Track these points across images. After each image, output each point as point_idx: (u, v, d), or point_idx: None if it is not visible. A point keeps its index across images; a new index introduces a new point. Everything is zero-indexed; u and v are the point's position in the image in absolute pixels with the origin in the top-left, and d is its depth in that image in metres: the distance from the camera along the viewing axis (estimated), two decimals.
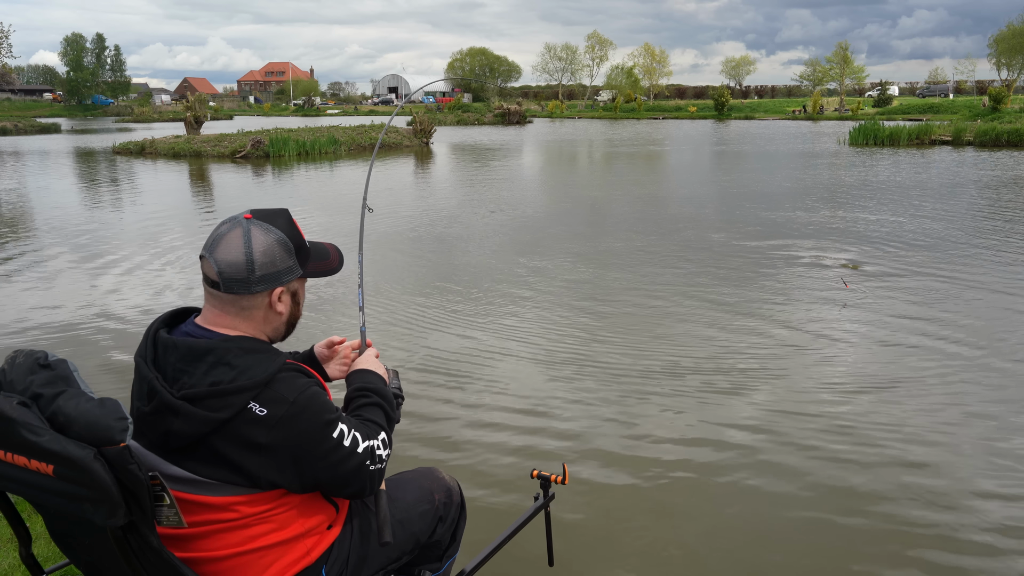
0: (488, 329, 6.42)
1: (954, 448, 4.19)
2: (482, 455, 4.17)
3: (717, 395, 4.95)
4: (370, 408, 1.81)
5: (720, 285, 7.83)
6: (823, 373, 5.32)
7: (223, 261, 1.59)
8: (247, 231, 1.61)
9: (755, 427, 4.47)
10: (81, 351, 5.87)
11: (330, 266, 1.80)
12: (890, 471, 3.92)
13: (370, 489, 1.69)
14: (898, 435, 4.32)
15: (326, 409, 1.61)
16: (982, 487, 3.76)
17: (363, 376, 1.90)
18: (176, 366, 1.56)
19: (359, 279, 2.21)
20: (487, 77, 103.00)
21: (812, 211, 12.87)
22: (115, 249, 9.93)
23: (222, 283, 1.60)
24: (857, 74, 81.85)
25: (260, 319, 1.66)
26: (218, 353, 1.56)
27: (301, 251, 1.71)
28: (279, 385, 1.57)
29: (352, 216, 12.33)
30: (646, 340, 6.10)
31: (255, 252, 1.60)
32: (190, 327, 1.65)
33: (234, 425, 1.52)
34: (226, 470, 1.55)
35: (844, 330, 6.28)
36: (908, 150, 26.93)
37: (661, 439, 4.33)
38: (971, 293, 7.37)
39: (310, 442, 1.57)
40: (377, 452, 1.69)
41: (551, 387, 5.12)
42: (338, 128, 31.88)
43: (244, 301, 1.62)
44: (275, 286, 1.64)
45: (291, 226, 1.69)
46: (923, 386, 5.05)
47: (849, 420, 4.54)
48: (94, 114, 79.89)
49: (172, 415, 1.51)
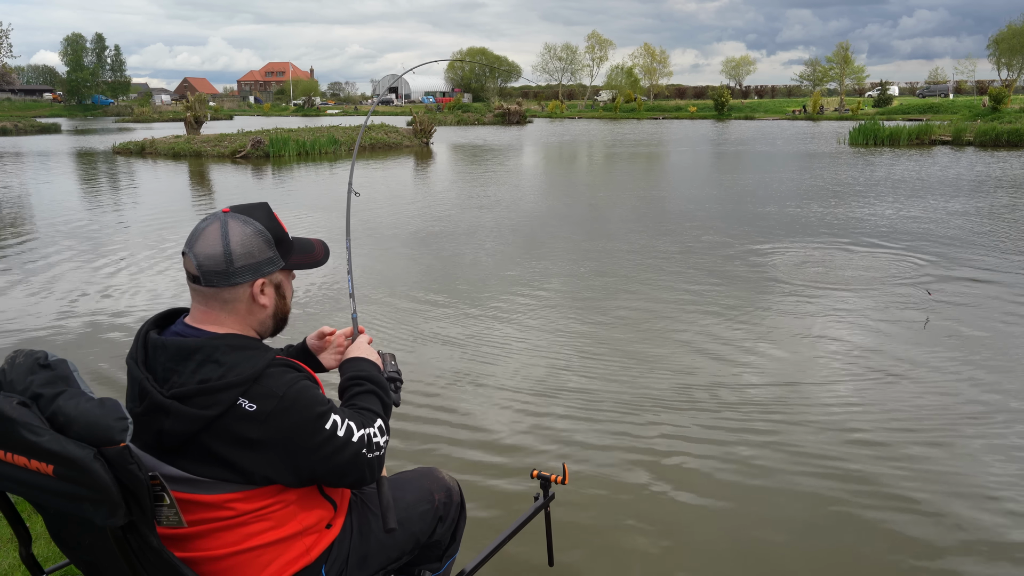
0: (488, 328, 6.41)
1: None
2: (482, 455, 4.17)
3: (718, 395, 4.95)
4: (364, 396, 1.80)
5: (721, 286, 7.83)
6: (828, 375, 5.32)
7: (202, 254, 1.61)
8: (224, 224, 1.62)
9: (757, 428, 4.46)
10: (81, 351, 5.87)
11: (314, 258, 1.80)
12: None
13: (370, 477, 1.68)
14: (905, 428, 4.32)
15: (316, 402, 1.61)
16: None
17: (356, 364, 1.89)
18: (166, 366, 1.57)
19: (348, 265, 2.20)
20: (487, 77, 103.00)
21: (810, 211, 12.87)
22: (115, 249, 9.93)
23: (202, 276, 1.61)
24: (857, 74, 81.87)
25: (243, 312, 1.66)
26: (206, 351, 1.56)
27: (282, 243, 1.70)
28: (268, 380, 1.57)
29: (352, 215, 12.32)
30: (647, 340, 6.09)
31: (232, 243, 1.60)
32: (179, 327, 1.65)
33: (224, 422, 1.52)
34: (220, 467, 1.55)
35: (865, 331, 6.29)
36: (908, 150, 26.92)
37: (661, 439, 4.33)
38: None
39: (302, 435, 1.57)
40: (374, 440, 1.68)
41: (551, 387, 5.12)
42: (338, 128, 31.86)
43: (225, 294, 1.63)
44: (256, 277, 1.64)
45: (270, 218, 1.70)
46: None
47: (861, 427, 4.54)
48: (94, 114, 79.89)
49: (163, 415, 1.52)
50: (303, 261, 1.77)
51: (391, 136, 31.87)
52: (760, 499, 3.71)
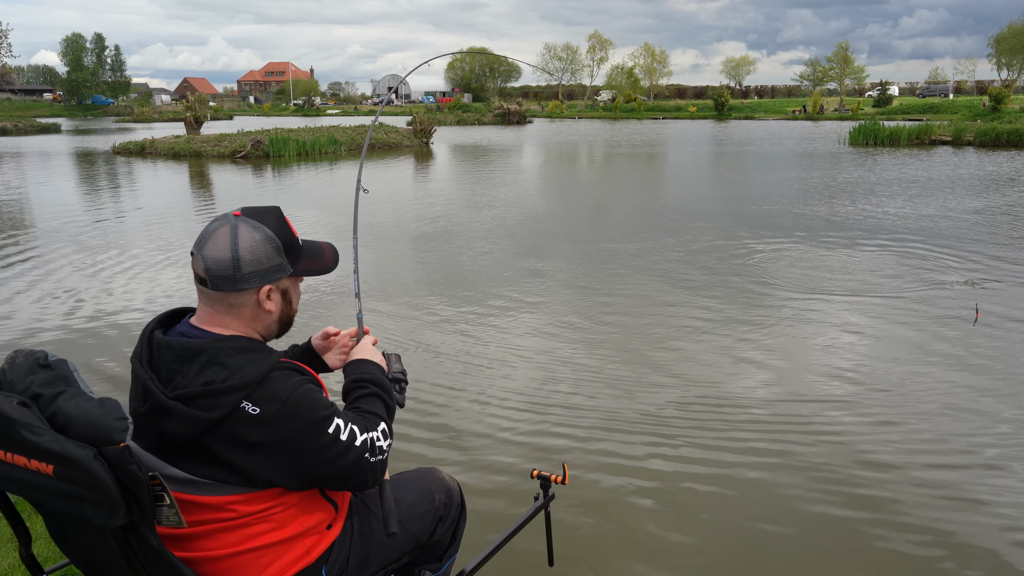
0: (489, 329, 6.41)
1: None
2: (482, 455, 4.17)
3: (719, 396, 4.95)
4: (368, 399, 1.80)
5: (723, 286, 7.83)
6: (827, 371, 5.32)
7: (210, 258, 1.59)
8: (235, 228, 1.61)
9: (758, 429, 4.46)
10: (81, 351, 5.87)
11: (323, 265, 1.78)
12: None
13: (372, 481, 1.68)
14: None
15: (320, 406, 1.60)
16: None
17: (359, 367, 1.88)
18: (170, 366, 1.56)
19: (354, 265, 2.17)
20: (487, 77, 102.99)
21: (811, 212, 12.87)
22: (115, 249, 9.93)
23: (209, 280, 1.60)
24: (857, 74, 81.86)
25: (249, 316, 1.65)
26: (211, 353, 1.55)
27: (291, 249, 1.69)
28: (272, 384, 1.56)
29: (348, 213, 12.33)
30: (647, 340, 6.10)
31: (241, 249, 1.59)
32: (185, 327, 1.65)
33: (227, 425, 1.52)
34: (222, 470, 1.55)
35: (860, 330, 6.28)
36: (909, 150, 26.92)
37: (662, 440, 4.33)
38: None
39: (305, 439, 1.56)
40: (377, 444, 1.68)
41: (551, 387, 5.11)
42: (338, 128, 31.85)
43: (232, 299, 1.62)
44: (263, 284, 1.63)
45: (281, 224, 1.68)
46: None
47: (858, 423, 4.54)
48: (94, 114, 79.88)
49: (166, 416, 1.51)
50: (312, 268, 1.75)
51: (391, 136, 31.86)
52: (760, 499, 3.70)
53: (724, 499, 3.71)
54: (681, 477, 3.92)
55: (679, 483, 3.86)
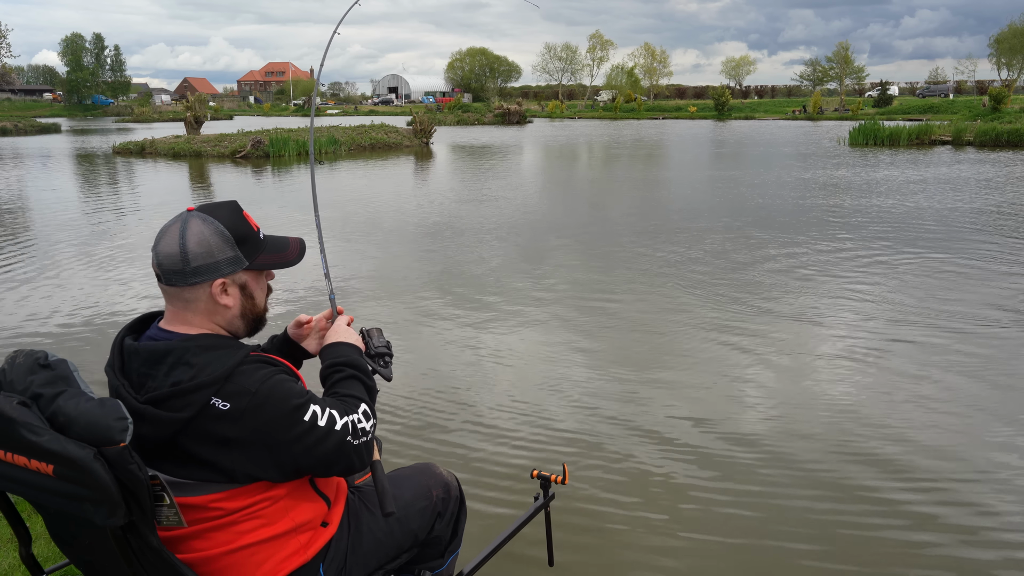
0: (489, 329, 6.41)
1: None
2: (482, 455, 4.17)
3: (720, 396, 4.95)
4: (345, 382, 1.78)
5: (722, 286, 7.83)
6: (829, 377, 5.32)
7: (161, 253, 1.60)
8: (184, 223, 1.61)
9: (758, 432, 4.47)
10: (81, 351, 5.87)
11: (286, 258, 1.76)
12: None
13: (360, 463, 1.66)
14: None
15: (292, 394, 1.59)
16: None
17: (334, 350, 1.86)
18: (140, 371, 1.57)
19: (320, 244, 2.13)
20: (487, 77, 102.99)
21: (814, 212, 12.87)
22: (115, 249, 9.93)
23: (163, 275, 1.61)
24: (857, 74, 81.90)
25: (206, 312, 1.64)
26: (177, 353, 1.55)
27: (247, 242, 1.67)
28: (240, 378, 1.56)
29: (348, 214, 12.35)
30: (648, 341, 6.10)
31: (189, 243, 1.59)
32: (153, 331, 1.65)
33: (199, 423, 1.52)
34: (202, 469, 1.55)
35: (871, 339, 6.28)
36: (909, 150, 26.92)
37: (662, 440, 4.33)
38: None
39: (279, 429, 1.55)
40: (359, 425, 1.66)
41: (551, 387, 5.11)
42: (338, 128, 31.84)
43: (186, 293, 1.62)
44: (214, 277, 1.61)
45: (236, 217, 1.67)
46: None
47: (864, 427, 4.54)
48: (94, 114, 79.88)
49: (139, 420, 1.50)
50: (272, 261, 1.73)
51: (391, 136, 31.87)
52: (760, 503, 3.71)
53: (724, 500, 3.71)
54: (681, 478, 3.92)
55: (679, 484, 3.86)
